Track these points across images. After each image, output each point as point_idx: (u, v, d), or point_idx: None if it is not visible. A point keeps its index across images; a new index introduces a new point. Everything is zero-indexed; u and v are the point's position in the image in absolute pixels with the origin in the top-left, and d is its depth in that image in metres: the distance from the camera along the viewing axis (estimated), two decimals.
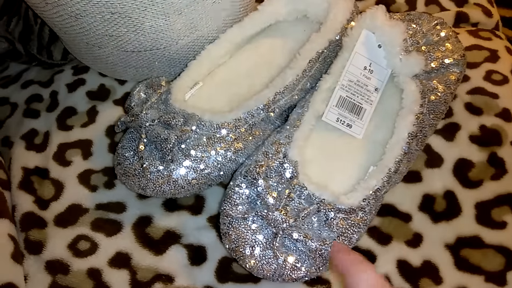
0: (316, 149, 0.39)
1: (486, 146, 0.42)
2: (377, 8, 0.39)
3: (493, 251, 0.37)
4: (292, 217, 0.34)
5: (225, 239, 0.36)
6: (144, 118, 0.38)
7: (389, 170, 0.36)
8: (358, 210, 0.35)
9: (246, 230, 0.35)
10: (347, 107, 0.40)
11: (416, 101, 0.38)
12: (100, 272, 0.39)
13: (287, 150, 0.36)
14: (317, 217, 0.34)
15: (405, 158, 0.36)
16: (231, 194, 0.36)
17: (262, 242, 0.35)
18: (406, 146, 0.36)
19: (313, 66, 0.41)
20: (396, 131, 0.37)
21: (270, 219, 0.34)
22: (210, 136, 0.38)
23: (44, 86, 0.52)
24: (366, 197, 0.35)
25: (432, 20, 0.43)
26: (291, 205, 0.34)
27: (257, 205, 0.35)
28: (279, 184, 0.35)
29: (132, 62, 0.45)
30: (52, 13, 0.41)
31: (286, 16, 0.46)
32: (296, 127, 0.38)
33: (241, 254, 0.35)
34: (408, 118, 0.37)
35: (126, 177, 0.39)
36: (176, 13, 0.40)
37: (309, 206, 0.34)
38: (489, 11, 0.54)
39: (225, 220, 0.36)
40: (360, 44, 0.39)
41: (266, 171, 0.35)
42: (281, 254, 0.34)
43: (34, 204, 0.43)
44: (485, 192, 0.40)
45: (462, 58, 0.41)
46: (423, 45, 0.41)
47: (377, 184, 0.35)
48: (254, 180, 0.35)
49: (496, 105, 0.44)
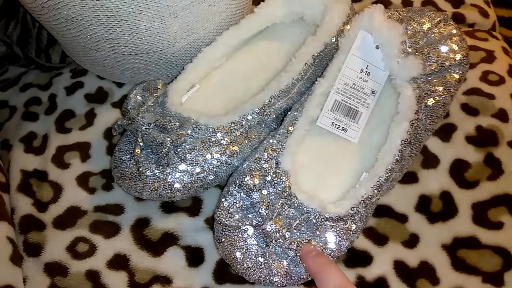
0: (310, 154, 0.39)
1: (483, 147, 0.42)
2: (375, 8, 0.38)
3: (490, 251, 0.38)
4: (284, 226, 0.34)
5: (218, 246, 0.36)
6: (140, 122, 0.38)
7: (379, 178, 0.35)
8: (346, 218, 0.35)
9: (238, 238, 0.35)
10: (342, 111, 0.39)
11: (411, 108, 0.37)
12: (99, 274, 0.39)
13: (279, 157, 0.36)
14: (307, 225, 0.34)
15: (397, 166, 0.36)
16: (224, 202, 0.36)
17: (255, 250, 0.35)
18: (399, 154, 0.36)
19: (308, 69, 0.41)
20: (389, 138, 0.37)
21: (264, 229, 0.34)
22: (205, 140, 0.38)
23: (42, 89, 0.52)
24: (354, 206, 0.35)
25: (435, 17, 0.40)
26: (283, 215, 0.35)
27: (250, 214, 0.35)
28: (272, 194, 0.35)
29: (129, 65, 0.45)
30: (49, 16, 0.41)
31: (283, 19, 0.46)
32: (289, 133, 0.37)
33: (234, 261, 0.35)
34: (402, 125, 0.36)
35: (123, 180, 0.39)
36: (172, 16, 0.40)
37: (299, 215, 0.34)
38: (485, 11, 0.54)
39: (219, 227, 0.36)
40: (356, 46, 0.38)
41: (260, 182, 0.35)
42: (273, 261, 0.34)
43: (33, 207, 0.43)
44: (481, 192, 0.40)
45: (465, 58, 0.40)
46: (423, 45, 0.40)
47: (367, 193, 0.35)
48: (248, 191, 0.35)
49: (492, 105, 0.44)
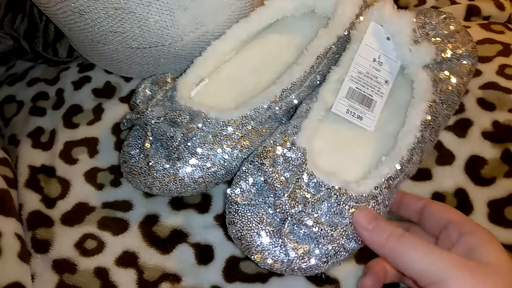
0: (326, 141, 0.38)
1: (499, 143, 0.41)
2: (384, 1, 0.38)
3: (507, 250, 0.36)
4: (300, 202, 0.32)
5: (231, 228, 0.34)
6: (150, 116, 0.38)
7: (402, 158, 0.34)
8: (369, 198, 0.33)
9: (252, 218, 0.34)
10: (357, 99, 0.39)
11: (428, 90, 0.36)
12: (107, 271, 0.39)
13: (295, 139, 0.35)
14: (328, 203, 0.33)
15: (418, 147, 0.35)
16: (238, 181, 0.35)
17: (270, 230, 0.33)
18: (420, 134, 0.35)
19: (321, 62, 0.40)
20: (408, 120, 0.36)
21: (278, 205, 0.32)
22: (216, 134, 0.38)
23: (50, 83, 0.52)
24: (378, 185, 0.33)
25: (441, 15, 0.42)
26: (300, 194, 0.33)
27: (264, 192, 0.34)
28: (287, 171, 0.33)
29: (137, 59, 0.45)
30: (56, 9, 0.40)
31: (293, 12, 0.45)
32: (304, 118, 0.37)
33: (247, 243, 0.33)
34: (421, 106, 0.36)
35: (132, 175, 0.39)
36: (181, 9, 0.40)
37: (318, 193, 0.33)
38: (501, 4, 0.53)
39: (231, 208, 0.34)
40: (368, 35, 0.39)
41: (273, 157, 0.34)
42: (290, 241, 0.33)
43: (41, 203, 0.43)
44: (498, 189, 0.39)
45: (474, 50, 0.40)
46: (432, 37, 0.40)
47: (390, 172, 0.34)
48: (261, 165, 0.33)
49: (509, 100, 0.43)
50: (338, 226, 0.32)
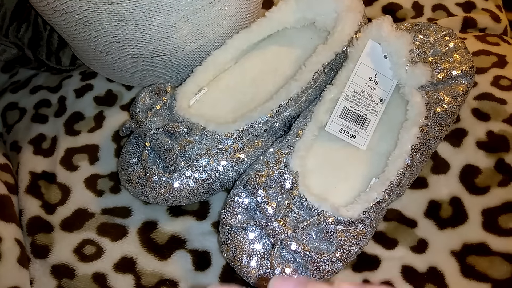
0: (319, 159, 0.39)
1: (494, 152, 0.41)
2: (383, 19, 0.39)
3: (500, 258, 0.37)
4: (291, 228, 0.34)
5: (223, 248, 0.36)
6: (149, 126, 0.38)
7: (391, 183, 0.35)
8: (357, 222, 0.34)
9: (244, 240, 0.35)
10: (351, 118, 0.39)
11: (421, 113, 0.37)
12: (105, 276, 0.39)
13: (288, 160, 0.36)
14: (316, 229, 0.34)
15: (407, 171, 0.36)
16: (231, 203, 0.36)
17: (260, 252, 0.35)
18: (409, 159, 0.36)
19: (318, 78, 0.41)
20: (399, 143, 0.37)
21: (269, 229, 0.34)
22: (212, 147, 0.38)
23: (52, 91, 0.52)
24: (366, 210, 0.34)
25: (441, 31, 0.42)
26: (290, 216, 0.34)
27: (256, 214, 0.35)
28: (279, 195, 0.35)
29: (139, 68, 0.45)
30: (60, 20, 0.41)
31: (294, 24, 0.46)
32: (298, 137, 0.38)
33: (239, 263, 0.35)
34: (412, 130, 0.37)
35: (130, 183, 0.39)
36: (182, 20, 0.40)
37: (308, 217, 0.34)
38: (497, 16, 0.54)
39: (224, 229, 0.36)
40: (365, 54, 0.39)
41: (266, 181, 0.35)
42: (278, 265, 0.34)
43: (41, 209, 0.43)
44: (492, 198, 0.40)
45: (471, 69, 0.41)
46: (430, 56, 0.41)
47: (378, 197, 0.35)
48: (254, 190, 0.35)
49: (503, 110, 0.43)
50: (324, 253, 0.33)
